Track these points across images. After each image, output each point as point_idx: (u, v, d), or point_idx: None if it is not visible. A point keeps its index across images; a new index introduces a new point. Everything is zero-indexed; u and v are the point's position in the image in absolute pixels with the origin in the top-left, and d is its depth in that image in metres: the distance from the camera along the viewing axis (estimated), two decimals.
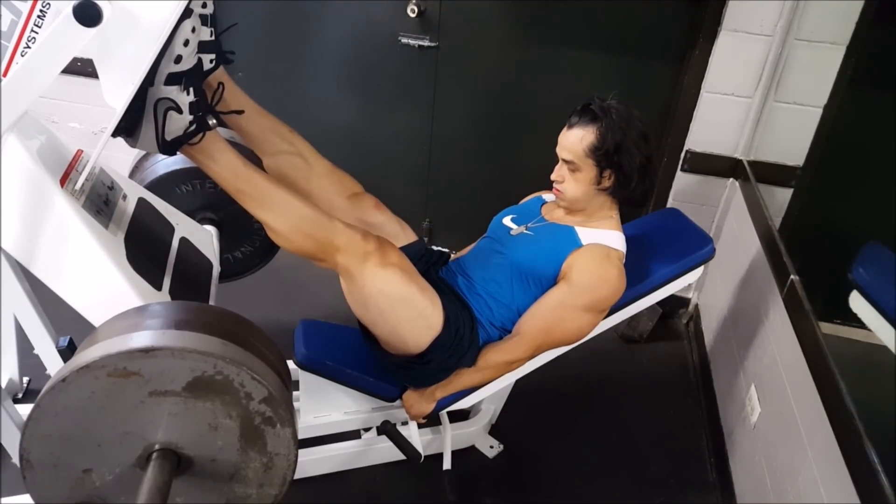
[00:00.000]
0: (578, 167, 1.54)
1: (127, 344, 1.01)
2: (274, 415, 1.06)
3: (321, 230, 1.36)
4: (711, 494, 1.90)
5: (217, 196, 1.80)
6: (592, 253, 1.54)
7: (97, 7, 1.05)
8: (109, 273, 1.30)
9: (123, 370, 1.00)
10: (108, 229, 1.36)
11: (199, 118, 1.22)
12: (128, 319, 1.11)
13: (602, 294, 1.53)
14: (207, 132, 1.26)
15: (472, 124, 2.55)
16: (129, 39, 1.10)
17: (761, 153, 2.21)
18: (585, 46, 2.32)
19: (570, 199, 1.58)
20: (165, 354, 1.01)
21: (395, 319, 1.45)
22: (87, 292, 1.31)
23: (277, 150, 1.56)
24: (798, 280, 1.60)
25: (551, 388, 2.06)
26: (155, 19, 1.10)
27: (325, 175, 1.62)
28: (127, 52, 1.11)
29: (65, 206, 1.27)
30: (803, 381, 1.45)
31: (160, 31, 1.10)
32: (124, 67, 1.11)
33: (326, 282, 2.64)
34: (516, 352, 1.56)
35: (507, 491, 1.87)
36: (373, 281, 1.39)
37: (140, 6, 1.09)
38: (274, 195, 1.34)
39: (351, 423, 1.76)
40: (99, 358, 0.99)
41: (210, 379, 1.03)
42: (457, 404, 1.68)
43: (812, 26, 1.99)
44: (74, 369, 0.99)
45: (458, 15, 2.33)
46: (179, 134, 1.21)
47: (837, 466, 1.23)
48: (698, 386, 2.30)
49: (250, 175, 1.33)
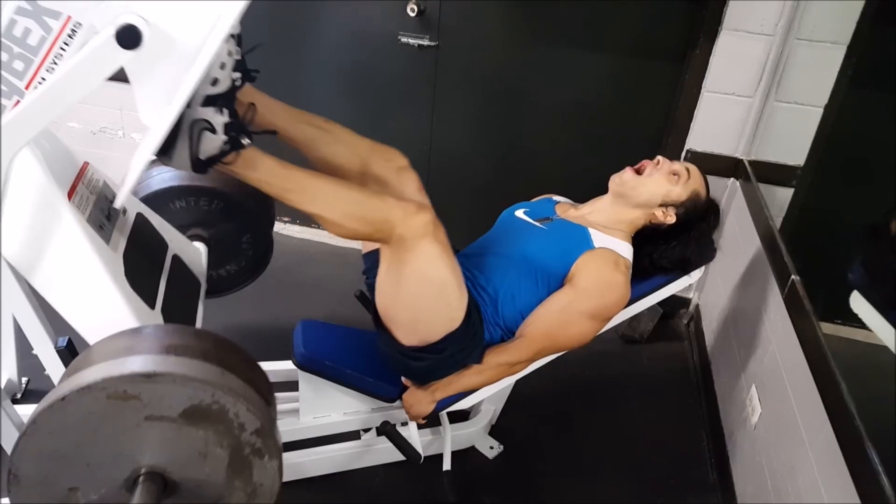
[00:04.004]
0: (681, 182, 1.60)
1: (129, 367, 1.01)
2: (263, 447, 1.08)
3: (373, 211, 1.34)
4: (712, 495, 1.89)
5: (209, 214, 1.80)
6: (602, 257, 1.54)
7: (138, 30, 1.06)
8: (108, 291, 1.30)
9: (124, 393, 1.01)
10: (109, 245, 1.36)
11: (233, 138, 1.23)
12: (125, 340, 1.11)
13: (607, 300, 1.53)
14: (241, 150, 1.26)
15: (471, 123, 2.55)
16: (165, 61, 1.11)
17: (762, 153, 2.21)
18: (585, 46, 2.32)
19: (638, 185, 1.61)
20: (167, 380, 1.01)
21: (424, 304, 1.43)
22: (84, 308, 1.30)
23: (317, 142, 1.55)
24: (799, 280, 1.60)
25: (551, 388, 2.06)
26: (191, 42, 1.10)
27: (370, 153, 1.59)
28: (164, 73, 1.11)
29: (71, 220, 1.26)
30: (804, 381, 1.45)
31: (198, 55, 1.11)
32: (161, 88, 1.12)
33: (326, 282, 2.65)
34: (518, 354, 1.56)
35: (507, 491, 1.87)
36: (420, 258, 1.35)
37: (177, 29, 1.10)
38: (318, 187, 1.33)
39: (350, 423, 1.76)
40: (101, 379, 0.99)
41: (207, 408, 1.04)
42: (457, 405, 1.67)
43: (813, 26, 1.98)
44: (75, 389, 0.99)
45: (457, 14, 2.33)
46: (213, 153, 1.22)
47: (838, 467, 1.22)
48: (699, 386, 2.30)
49: (291, 173, 1.32)
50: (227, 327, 2.02)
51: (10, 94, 1.13)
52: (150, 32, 1.07)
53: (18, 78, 1.12)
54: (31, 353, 1.47)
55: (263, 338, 2.25)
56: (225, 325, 2.01)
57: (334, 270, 2.70)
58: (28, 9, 1.09)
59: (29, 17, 1.10)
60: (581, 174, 1.65)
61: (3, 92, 1.12)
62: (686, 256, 1.63)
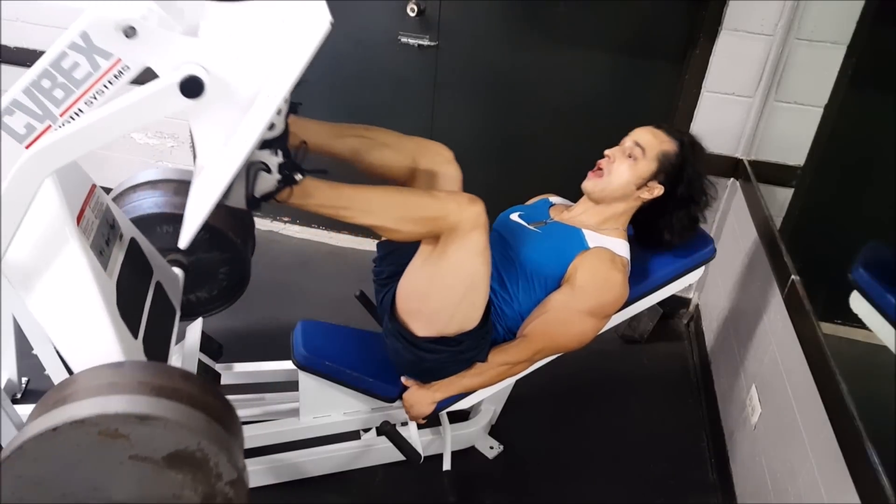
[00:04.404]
0: (640, 157, 1.56)
1: (124, 406, 1.03)
2: (235, 497, 1.10)
3: (426, 209, 1.35)
4: (712, 495, 1.90)
5: (193, 242, 1.79)
6: (598, 256, 1.54)
7: (201, 81, 1.09)
8: (100, 320, 1.30)
9: (115, 431, 1.02)
10: (106, 271, 1.37)
11: (287, 176, 1.27)
12: (114, 375, 1.13)
13: (606, 298, 1.53)
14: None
15: (471, 123, 2.55)
16: (223, 106, 1.14)
17: (762, 153, 2.21)
18: (586, 46, 2.32)
19: (607, 182, 1.60)
20: (158, 424, 1.04)
21: (454, 297, 1.43)
22: (73, 334, 1.31)
23: (362, 151, 1.57)
24: (799, 280, 1.60)
25: (551, 388, 2.06)
26: (249, 90, 1.14)
27: (418, 150, 1.61)
28: (220, 117, 1.15)
29: (76, 246, 1.27)
30: (804, 381, 1.45)
31: (256, 101, 1.14)
32: (218, 131, 1.16)
33: (326, 282, 2.65)
34: (519, 354, 1.56)
35: (507, 491, 1.87)
36: (463, 249, 1.36)
37: (237, 78, 1.13)
38: (368, 200, 1.35)
39: (350, 423, 1.76)
40: (95, 415, 1.01)
41: (190, 454, 1.06)
42: (457, 405, 1.68)
43: (813, 26, 1.98)
44: (68, 421, 1.00)
45: (457, 14, 2.33)
46: (268, 191, 1.26)
47: (838, 467, 1.23)
48: (699, 386, 2.30)
49: (340, 193, 1.34)
50: (228, 327, 2.04)
51: (42, 118, 1.16)
52: (211, 81, 1.10)
53: (55, 105, 1.16)
54: (31, 353, 1.47)
55: (263, 338, 2.26)
56: (225, 326, 2.02)
57: (334, 270, 2.70)
58: (82, 45, 1.12)
59: (80, 53, 1.13)
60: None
61: (37, 115, 1.15)
62: (692, 215, 1.62)
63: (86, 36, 1.12)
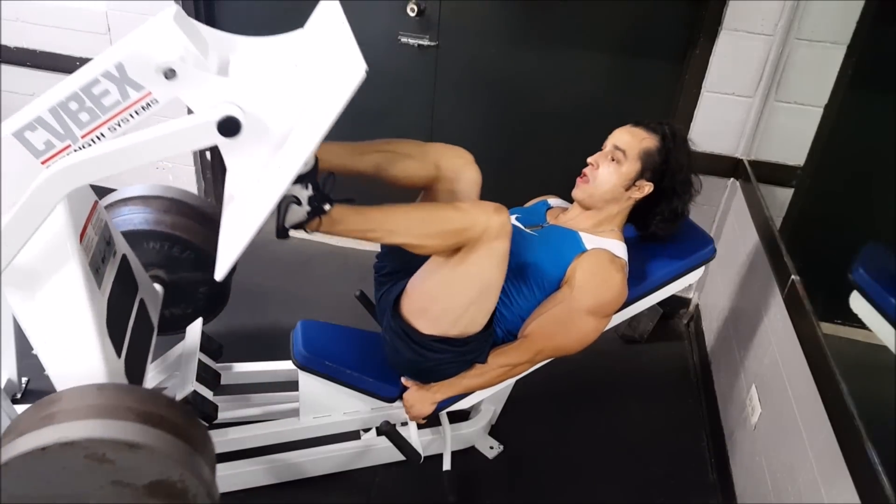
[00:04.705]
0: (623, 160, 1.56)
1: (114, 432, 1.05)
2: None
3: (451, 222, 1.35)
4: (712, 495, 1.89)
5: (177, 260, 1.81)
6: (598, 256, 1.54)
7: (238, 122, 1.12)
8: (90, 339, 1.31)
9: (102, 456, 1.04)
10: (100, 289, 1.37)
11: (316, 207, 1.30)
12: (101, 397, 1.14)
13: (606, 297, 1.53)
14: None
15: (471, 123, 2.55)
16: (257, 143, 1.16)
17: (762, 153, 2.21)
18: (586, 46, 2.32)
19: (594, 189, 1.60)
20: (145, 453, 1.05)
21: (465, 300, 1.43)
22: (61, 350, 1.31)
23: (384, 166, 1.58)
24: (799, 280, 1.60)
25: (551, 388, 2.06)
26: (282, 128, 1.16)
27: (440, 155, 1.61)
28: (254, 153, 1.17)
29: (77, 264, 1.28)
30: (804, 381, 1.45)
31: (289, 139, 1.17)
32: (251, 166, 1.19)
33: (326, 282, 2.65)
34: (520, 355, 1.56)
35: (507, 491, 1.87)
36: (485, 257, 1.37)
37: (271, 117, 1.16)
38: (393, 220, 1.37)
39: (350, 423, 1.76)
40: (85, 439, 1.02)
41: (172, 484, 1.08)
42: (457, 405, 1.68)
43: (813, 26, 1.98)
44: (58, 442, 1.01)
45: (457, 14, 2.33)
46: (297, 222, 1.31)
47: (838, 467, 1.23)
48: (699, 386, 2.29)
49: (367, 217, 1.36)
50: (228, 327, 2.04)
51: (63, 138, 1.18)
52: (247, 121, 1.13)
53: (79, 127, 1.18)
54: (31, 353, 1.46)
55: (263, 338, 2.26)
56: (225, 326, 2.02)
57: (334, 270, 2.70)
58: (115, 75, 1.15)
59: (112, 82, 1.15)
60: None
61: (59, 134, 1.17)
62: (675, 207, 1.61)
63: (121, 67, 1.14)
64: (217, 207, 1.90)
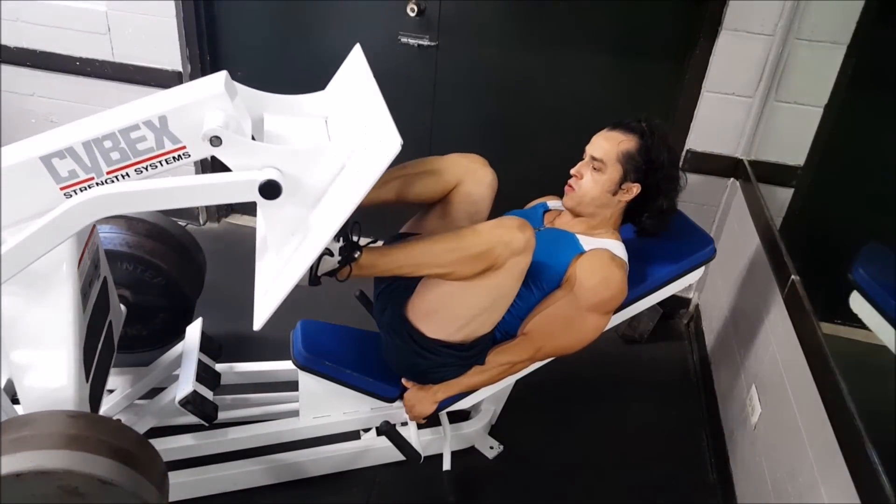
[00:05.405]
0: (604, 168, 1.56)
1: (90, 468, 1.05)
2: None
3: (474, 247, 1.37)
4: (712, 495, 1.89)
5: (146, 284, 1.83)
6: (597, 255, 1.55)
7: (279, 186, 1.16)
8: (68, 362, 1.32)
9: (75, 489, 1.04)
10: (84, 312, 1.37)
11: (346, 257, 1.38)
12: (74, 427, 1.14)
13: (606, 295, 1.53)
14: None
15: (471, 123, 2.55)
16: (294, 201, 1.20)
17: (762, 153, 2.21)
18: (586, 46, 2.32)
19: (580, 197, 1.60)
20: (118, 492, 1.06)
21: (475, 310, 1.45)
22: (37, 371, 1.32)
23: (405, 189, 1.60)
24: (799, 280, 1.60)
25: (551, 388, 2.06)
26: (319, 188, 1.21)
27: (453, 168, 1.63)
28: (291, 210, 1.21)
29: (71, 289, 1.29)
30: (804, 381, 1.45)
31: (324, 197, 1.21)
32: (288, 223, 1.23)
33: (326, 282, 2.64)
34: (519, 353, 1.57)
35: (507, 491, 1.87)
36: (505, 272, 1.39)
37: (308, 178, 1.20)
38: (417, 255, 1.40)
39: (350, 423, 1.76)
40: (62, 470, 1.02)
41: None
42: (457, 405, 1.68)
43: (813, 26, 1.98)
44: (34, 470, 1.01)
45: (457, 14, 2.33)
46: (329, 270, 1.38)
47: (838, 467, 1.23)
48: (699, 386, 2.29)
49: (392, 256, 1.40)
50: (228, 327, 2.03)
51: (89, 171, 1.20)
52: (286, 182, 1.16)
53: (107, 164, 1.20)
54: None
55: (263, 338, 2.25)
56: (225, 326, 2.02)
57: None
58: (156, 125, 1.18)
59: (151, 130, 1.18)
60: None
61: (86, 166, 1.19)
62: (659, 206, 1.60)
63: (164, 120, 1.17)
64: (192, 238, 1.96)
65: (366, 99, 1.30)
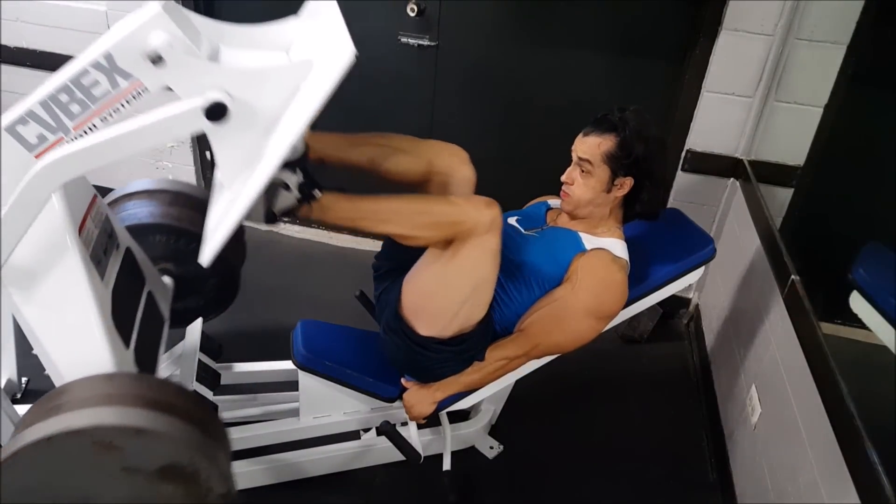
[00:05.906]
0: (592, 171, 1.56)
1: (120, 419, 1.04)
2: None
3: (442, 215, 1.37)
4: (712, 495, 1.89)
5: (185, 253, 1.81)
6: (599, 257, 1.54)
7: (225, 107, 1.11)
8: (95, 330, 1.30)
9: (109, 443, 1.03)
10: (103, 281, 1.37)
11: (306, 194, 1.31)
12: (109, 386, 1.13)
13: (605, 298, 1.53)
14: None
15: (471, 123, 2.55)
16: (246, 129, 1.15)
17: (762, 153, 2.21)
18: (586, 46, 2.32)
19: (576, 202, 1.60)
20: (153, 438, 1.04)
21: (458, 297, 1.44)
22: (68, 342, 1.30)
23: (379, 159, 1.59)
24: (799, 280, 1.60)
25: (551, 388, 2.06)
26: (271, 113, 1.15)
27: (434, 153, 1.62)
28: (243, 139, 1.16)
29: (76, 257, 1.27)
30: (804, 381, 1.45)
31: (277, 124, 1.15)
32: (240, 153, 1.17)
33: (326, 282, 2.65)
34: (516, 349, 1.57)
35: (507, 491, 1.87)
36: (476, 252, 1.38)
37: (260, 102, 1.14)
38: (384, 209, 1.38)
39: (350, 423, 1.76)
40: (91, 426, 1.01)
41: (182, 468, 1.07)
42: (457, 405, 1.68)
43: (813, 26, 1.98)
44: (63, 431, 1.00)
45: (457, 14, 2.33)
46: (287, 208, 1.32)
47: (838, 467, 1.23)
48: (699, 386, 2.29)
49: (358, 206, 1.38)
50: (228, 327, 2.04)
51: (55, 130, 1.18)
52: (235, 106, 1.12)
53: (70, 118, 1.18)
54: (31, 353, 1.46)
55: (263, 338, 2.26)
56: (225, 326, 2.02)
57: (334, 270, 2.70)
58: (104, 65, 1.14)
59: (101, 72, 1.15)
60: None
61: (51, 126, 1.17)
62: (643, 198, 1.59)
63: (109, 57, 1.14)
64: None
65: (325, 20, 1.25)
